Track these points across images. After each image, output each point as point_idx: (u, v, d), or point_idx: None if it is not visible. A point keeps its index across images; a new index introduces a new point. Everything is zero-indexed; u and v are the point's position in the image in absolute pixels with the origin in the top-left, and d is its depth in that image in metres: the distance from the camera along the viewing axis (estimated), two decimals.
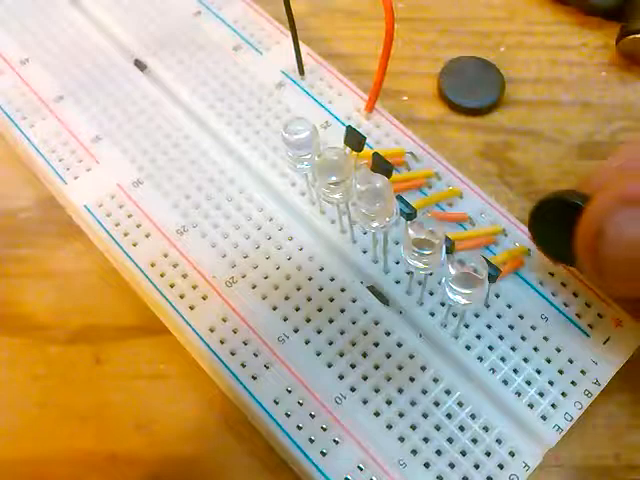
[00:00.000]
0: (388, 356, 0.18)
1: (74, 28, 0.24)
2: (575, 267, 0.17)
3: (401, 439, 0.17)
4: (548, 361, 0.17)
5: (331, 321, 0.18)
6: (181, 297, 0.18)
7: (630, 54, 0.24)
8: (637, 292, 0.14)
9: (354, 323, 0.18)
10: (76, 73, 0.23)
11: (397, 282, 0.19)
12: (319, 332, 0.18)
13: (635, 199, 0.13)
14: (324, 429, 0.17)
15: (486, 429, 0.17)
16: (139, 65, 0.23)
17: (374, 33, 0.20)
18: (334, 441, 0.16)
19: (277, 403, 0.17)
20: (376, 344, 0.18)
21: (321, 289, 0.19)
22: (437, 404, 0.17)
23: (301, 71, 0.22)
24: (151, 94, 0.22)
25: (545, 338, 0.18)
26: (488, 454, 0.16)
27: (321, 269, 0.19)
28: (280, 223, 0.20)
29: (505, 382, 0.17)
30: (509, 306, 0.18)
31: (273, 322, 0.18)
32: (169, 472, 0.18)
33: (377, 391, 0.17)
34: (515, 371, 0.17)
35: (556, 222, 0.16)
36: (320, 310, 0.18)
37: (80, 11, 0.24)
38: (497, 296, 0.18)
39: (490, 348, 0.18)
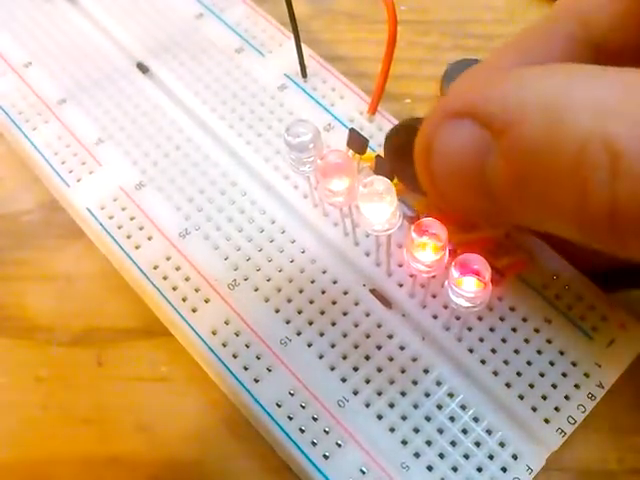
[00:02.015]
0: (391, 359, 0.18)
1: (77, 31, 0.24)
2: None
3: (404, 442, 0.17)
4: (551, 364, 0.17)
5: (333, 324, 0.18)
6: (183, 300, 0.18)
7: None
8: (472, 210, 0.14)
9: (357, 326, 0.18)
10: (79, 76, 0.23)
11: (400, 285, 0.19)
12: (321, 335, 0.18)
13: (454, 111, 0.13)
14: (326, 432, 0.17)
15: (489, 432, 0.17)
16: (141, 68, 0.23)
17: (377, 36, 0.20)
18: (337, 444, 0.16)
19: (279, 406, 0.17)
20: (379, 347, 0.18)
21: (323, 292, 0.18)
22: (440, 407, 0.17)
23: (304, 73, 0.22)
24: (153, 97, 0.22)
25: (548, 341, 0.18)
26: (491, 457, 0.16)
27: (323, 272, 0.19)
28: (282, 226, 0.20)
29: (508, 385, 0.17)
30: (512, 309, 0.18)
31: (275, 325, 0.18)
32: (170, 474, 0.18)
33: (380, 394, 0.17)
34: (518, 374, 0.17)
35: (406, 151, 0.15)
36: (322, 313, 0.18)
37: (83, 14, 0.24)
38: (500, 299, 0.18)
39: (493, 351, 0.18)
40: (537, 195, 0.12)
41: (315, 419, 0.17)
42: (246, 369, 0.17)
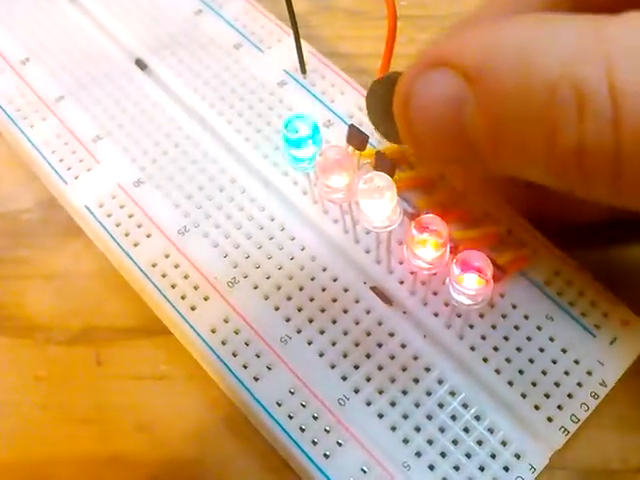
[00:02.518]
0: (392, 357, 0.17)
1: (75, 28, 0.24)
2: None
3: (405, 441, 0.16)
4: (554, 362, 0.17)
5: (334, 322, 0.18)
6: (182, 298, 0.18)
7: None
8: (450, 159, 0.15)
9: (357, 324, 0.18)
10: (77, 73, 0.23)
11: (401, 282, 0.18)
12: (322, 333, 0.18)
13: (432, 61, 0.14)
14: (327, 431, 0.16)
15: (491, 431, 0.17)
16: (140, 64, 0.23)
17: (376, 31, 0.20)
18: (337, 443, 0.16)
19: (279, 405, 0.17)
20: (380, 345, 0.18)
21: (324, 289, 0.18)
22: (441, 405, 0.17)
23: (303, 70, 0.22)
24: (152, 93, 0.22)
25: (551, 339, 0.18)
26: (493, 456, 0.16)
27: (324, 269, 0.19)
28: (282, 223, 0.19)
29: (510, 383, 0.17)
30: (514, 306, 0.18)
31: (275, 323, 0.18)
32: (170, 473, 0.18)
33: (381, 392, 0.17)
34: (520, 372, 0.17)
35: (386, 100, 0.16)
36: (323, 311, 0.18)
37: (81, 11, 0.24)
38: (502, 296, 0.18)
39: (495, 349, 0.17)
40: (512, 140, 0.13)
41: (315, 418, 0.17)
42: (246, 367, 0.17)
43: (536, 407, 0.17)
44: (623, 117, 0.11)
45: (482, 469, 0.16)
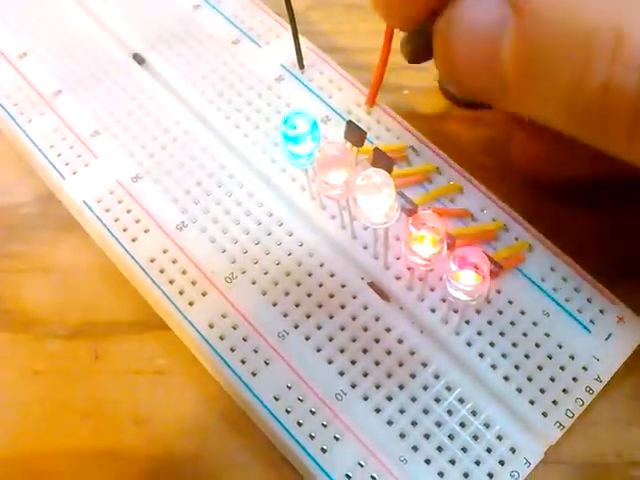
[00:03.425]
0: (388, 352, 0.18)
1: (72, 22, 0.23)
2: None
3: (402, 435, 0.17)
4: (549, 357, 0.17)
5: (331, 317, 0.18)
6: (180, 293, 0.18)
7: None
8: (482, 89, 0.15)
9: (354, 319, 0.18)
10: (74, 67, 0.22)
11: (398, 278, 0.19)
12: (319, 328, 0.18)
13: None
14: (324, 425, 0.17)
15: (487, 425, 0.17)
16: (138, 59, 0.23)
17: (375, 26, 0.20)
18: (334, 437, 0.16)
19: (277, 399, 0.17)
20: (376, 340, 0.18)
21: (321, 285, 0.18)
22: (438, 400, 0.17)
23: (301, 65, 0.22)
24: (150, 88, 0.22)
25: (546, 334, 0.18)
26: (489, 450, 0.16)
27: (321, 265, 0.19)
28: (280, 219, 0.19)
29: (506, 378, 0.17)
30: (510, 302, 0.18)
31: (273, 318, 0.18)
32: (168, 468, 0.18)
33: (377, 387, 0.17)
34: (516, 367, 0.17)
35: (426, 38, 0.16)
36: (320, 306, 0.18)
37: (79, 4, 0.24)
38: (498, 292, 0.18)
39: (491, 344, 0.18)
40: (541, 75, 0.13)
41: (313, 412, 0.17)
42: (243, 362, 0.17)
43: (531, 402, 0.17)
44: None
45: (478, 463, 0.16)
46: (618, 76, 0.12)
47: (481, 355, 0.17)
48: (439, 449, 0.16)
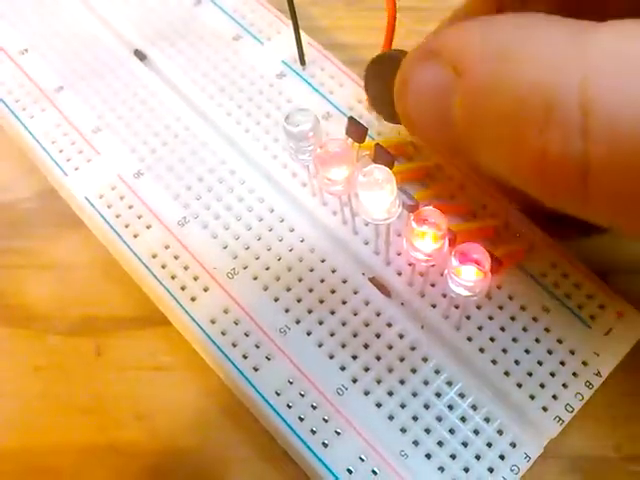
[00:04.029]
0: (389, 347, 0.18)
1: (74, 18, 0.23)
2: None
3: (403, 430, 0.17)
4: (549, 352, 0.17)
5: (332, 312, 0.18)
6: (182, 289, 0.18)
7: None
8: (440, 145, 0.15)
9: (355, 314, 0.18)
10: (76, 64, 0.22)
11: (399, 274, 0.19)
12: (320, 323, 0.18)
13: (427, 51, 0.14)
14: (326, 420, 0.17)
15: (487, 420, 0.17)
16: (139, 55, 0.23)
17: (376, 23, 0.20)
18: (336, 432, 0.17)
19: (278, 394, 0.17)
20: (377, 335, 0.18)
21: (322, 280, 0.18)
22: (438, 395, 0.17)
23: (302, 61, 0.22)
24: (151, 84, 0.22)
25: (546, 329, 0.18)
26: (489, 445, 0.16)
27: (322, 261, 0.19)
28: (281, 214, 0.20)
29: (506, 373, 0.17)
30: (510, 298, 0.18)
31: (274, 313, 0.18)
32: (169, 463, 0.18)
33: (379, 382, 0.17)
34: (516, 362, 0.17)
35: (385, 80, 0.16)
36: (321, 302, 0.18)
37: (80, 1, 0.24)
38: (499, 288, 0.18)
39: (491, 339, 0.18)
40: (484, 138, 0.13)
41: (314, 407, 0.17)
42: (245, 358, 0.17)
43: (531, 397, 0.17)
44: (593, 126, 0.11)
45: (478, 458, 0.16)
46: (554, 140, 0.11)
47: (481, 350, 0.18)
48: (440, 444, 0.16)
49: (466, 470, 0.16)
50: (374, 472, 0.16)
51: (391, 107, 0.16)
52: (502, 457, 0.16)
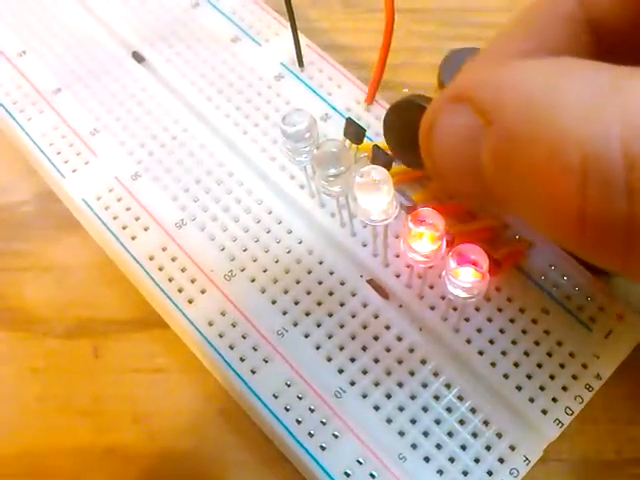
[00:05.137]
0: (388, 350, 0.17)
1: (72, 20, 0.23)
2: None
3: (401, 433, 0.17)
4: (549, 355, 0.17)
5: (331, 315, 0.18)
6: (180, 291, 0.18)
7: None
8: (468, 193, 0.14)
9: (354, 317, 0.18)
10: (74, 65, 0.22)
11: (397, 276, 0.18)
12: (319, 326, 0.18)
13: (453, 97, 0.13)
14: (323, 423, 0.17)
15: (486, 423, 0.17)
16: (137, 57, 0.23)
17: (374, 24, 0.20)
18: (334, 435, 0.16)
19: (276, 397, 0.17)
20: (376, 338, 0.18)
21: (320, 283, 0.18)
22: (437, 398, 0.17)
23: (300, 63, 0.22)
24: (149, 86, 0.22)
25: (546, 332, 0.18)
26: (488, 448, 0.16)
27: (320, 262, 0.19)
28: (279, 216, 0.19)
29: (506, 376, 0.17)
30: (510, 300, 0.18)
31: (272, 316, 0.18)
32: (167, 466, 0.18)
33: (377, 385, 0.17)
34: (516, 365, 0.17)
35: (407, 126, 0.16)
36: (320, 304, 0.18)
37: (78, 2, 0.24)
38: (498, 290, 0.18)
39: (491, 342, 0.18)
40: (519, 187, 0.12)
41: (312, 410, 0.17)
42: (243, 360, 0.17)
43: (531, 399, 0.17)
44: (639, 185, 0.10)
45: (477, 461, 0.16)
46: (595, 200, 0.10)
47: (481, 352, 0.17)
48: (438, 447, 0.16)
49: (465, 473, 0.16)
50: (372, 475, 0.16)
51: (412, 153, 0.15)
52: (501, 460, 0.16)
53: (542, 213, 0.12)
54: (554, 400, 0.17)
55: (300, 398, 0.17)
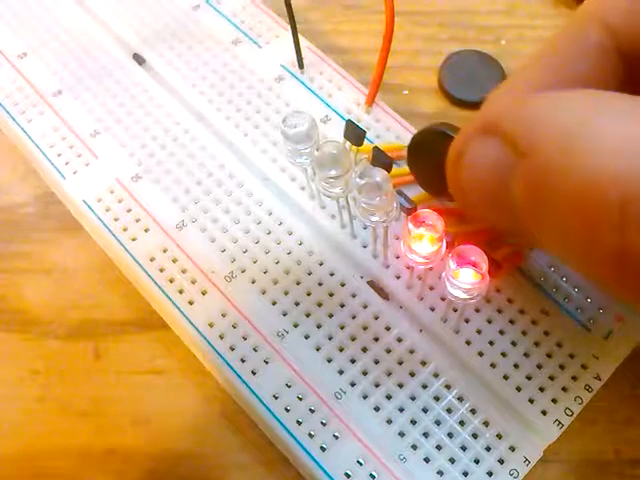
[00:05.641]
0: (388, 351, 0.18)
1: (73, 22, 0.24)
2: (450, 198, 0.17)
3: (401, 434, 0.17)
4: (549, 356, 0.17)
5: (331, 316, 0.18)
6: (180, 292, 0.18)
7: None
8: (497, 223, 0.14)
9: (354, 318, 0.18)
10: (74, 67, 0.23)
11: (397, 277, 0.19)
12: (319, 327, 0.18)
13: (484, 128, 0.13)
14: (324, 424, 0.17)
15: (486, 424, 0.17)
16: (138, 59, 0.23)
17: (374, 26, 0.20)
18: (334, 436, 0.16)
19: (276, 398, 0.17)
20: (376, 339, 0.18)
21: (321, 284, 0.18)
22: (437, 399, 0.17)
23: (301, 65, 0.22)
24: (149, 88, 0.22)
25: (546, 333, 0.18)
26: (488, 449, 0.16)
27: (321, 264, 0.19)
28: (280, 218, 0.19)
29: (505, 377, 0.17)
30: (510, 301, 0.18)
31: (273, 317, 0.18)
32: (167, 467, 0.18)
33: (377, 386, 0.17)
34: (516, 366, 0.17)
35: (432, 155, 0.16)
36: (320, 305, 0.18)
37: (79, 4, 0.24)
38: (498, 291, 0.18)
39: (490, 343, 0.18)
40: (552, 222, 0.12)
41: (312, 411, 0.17)
42: (243, 361, 0.17)
43: (531, 400, 0.17)
44: None
45: (477, 462, 0.16)
46: (635, 239, 0.10)
47: (481, 354, 0.17)
48: (438, 447, 0.16)
49: (465, 474, 0.16)
50: (372, 476, 0.16)
51: (438, 183, 0.15)
52: (501, 461, 0.16)
53: (577, 249, 0.12)
54: (554, 401, 0.17)
55: (300, 399, 0.17)
